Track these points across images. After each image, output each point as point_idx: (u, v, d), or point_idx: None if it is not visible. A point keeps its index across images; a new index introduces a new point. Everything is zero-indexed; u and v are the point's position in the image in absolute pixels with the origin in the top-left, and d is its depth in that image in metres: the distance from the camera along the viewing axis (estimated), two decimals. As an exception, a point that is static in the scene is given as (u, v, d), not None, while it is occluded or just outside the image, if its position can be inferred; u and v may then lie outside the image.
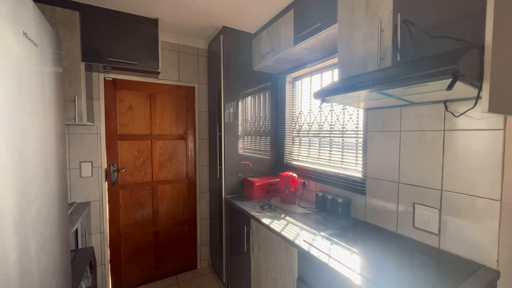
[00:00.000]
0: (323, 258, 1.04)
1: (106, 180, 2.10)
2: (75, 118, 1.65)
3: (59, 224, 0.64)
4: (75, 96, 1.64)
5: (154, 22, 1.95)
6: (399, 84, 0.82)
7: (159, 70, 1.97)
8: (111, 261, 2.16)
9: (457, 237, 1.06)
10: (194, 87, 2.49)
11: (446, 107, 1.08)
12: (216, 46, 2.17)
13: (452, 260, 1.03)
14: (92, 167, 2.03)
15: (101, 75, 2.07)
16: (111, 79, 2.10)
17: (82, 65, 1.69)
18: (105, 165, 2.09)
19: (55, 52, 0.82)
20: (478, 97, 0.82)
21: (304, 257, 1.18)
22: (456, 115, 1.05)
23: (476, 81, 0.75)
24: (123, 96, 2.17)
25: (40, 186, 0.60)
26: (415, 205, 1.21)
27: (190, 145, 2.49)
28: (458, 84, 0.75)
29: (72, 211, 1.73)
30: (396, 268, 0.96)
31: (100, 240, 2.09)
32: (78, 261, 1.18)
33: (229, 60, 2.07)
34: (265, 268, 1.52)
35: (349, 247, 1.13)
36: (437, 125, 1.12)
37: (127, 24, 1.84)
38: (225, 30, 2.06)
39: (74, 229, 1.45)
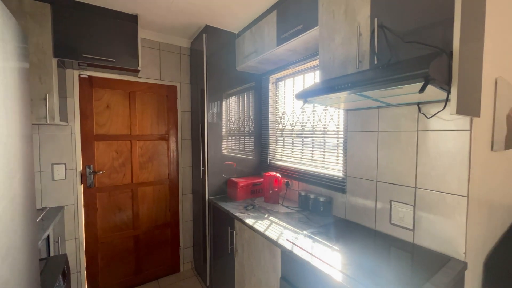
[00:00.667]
0: (305, 257, 1.06)
1: (81, 183, 2.00)
2: (46, 118, 1.55)
3: (25, 231, 0.59)
4: (46, 94, 1.54)
5: (133, 18, 1.88)
6: (376, 86, 0.86)
7: (138, 68, 1.90)
8: (87, 268, 2.05)
9: (430, 232, 1.12)
10: (176, 86, 2.43)
11: (419, 109, 1.14)
12: (199, 45, 2.14)
13: (425, 253, 1.08)
14: (65, 169, 1.92)
15: (76, 72, 1.96)
16: (86, 76, 2.00)
17: (54, 61, 1.59)
18: (80, 167, 1.99)
19: (20, 46, 0.76)
20: (447, 100, 0.88)
21: (287, 256, 1.19)
22: (428, 117, 1.11)
23: (445, 84, 0.80)
24: (100, 95, 2.07)
25: (2, 191, 0.55)
26: (392, 202, 1.27)
27: (172, 146, 2.43)
28: (429, 87, 0.79)
29: (43, 216, 1.62)
30: (374, 264, 1.00)
31: (75, 246, 1.98)
32: (50, 270, 1.11)
33: (212, 60, 2.05)
34: (249, 269, 1.52)
35: (331, 245, 1.16)
36: (411, 126, 1.18)
37: (104, 19, 1.76)
38: (208, 29, 2.04)
39: (45, 236, 1.36)
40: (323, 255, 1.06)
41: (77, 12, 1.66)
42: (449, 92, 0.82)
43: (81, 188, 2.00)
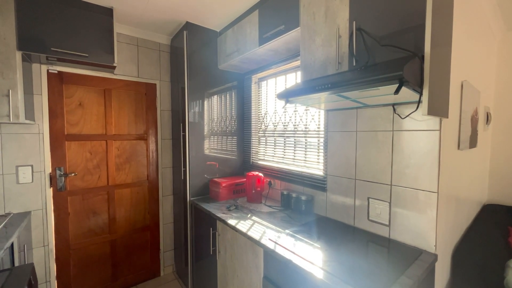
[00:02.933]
0: (287, 255, 1.07)
1: (51, 186, 1.86)
2: (9, 116, 1.42)
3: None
4: (9, 90, 1.42)
5: (108, 12, 1.78)
6: (354, 87, 0.88)
7: (114, 65, 1.81)
8: (58, 277, 1.92)
9: (404, 227, 1.18)
10: (155, 84, 2.35)
11: (394, 110, 1.19)
12: (180, 42, 2.08)
13: (400, 247, 1.14)
14: (32, 171, 1.78)
15: (44, 67, 1.82)
16: (56, 71, 1.86)
17: (19, 55, 1.47)
18: (49, 169, 1.85)
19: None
20: (419, 101, 0.92)
21: (269, 255, 1.20)
22: (402, 117, 1.17)
23: (418, 86, 0.84)
24: (71, 92, 1.94)
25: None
26: (370, 199, 1.32)
27: (152, 146, 2.35)
28: (404, 89, 0.83)
29: (6, 223, 1.49)
30: (353, 259, 1.03)
31: (43, 255, 1.84)
32: (13, 281, 1.02)
33: (194, 58, 2.00)
34: (231, 270, 1.50)
35: (312, 243, 1.18)
36: (387, 126, 1.23)
37: (76, 10, 1.65)
38: (188, 26, 1.99)
39: (8, 244, 1.24)
40: (305, 253, 1.08)
41: (45, 1, 1.54)
42: (421, 94, 0.86)
43: (50, 191, 1.86)
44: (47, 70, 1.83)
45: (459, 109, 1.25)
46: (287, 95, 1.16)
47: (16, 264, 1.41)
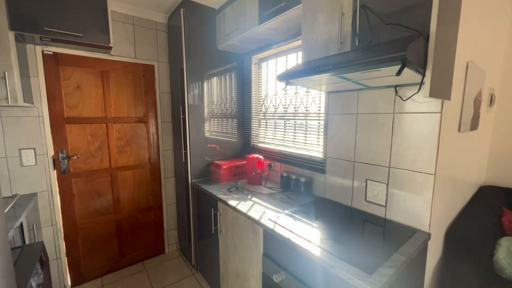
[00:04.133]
0: (286, 234, 1.11)
1: (54, 169, 1.89)
2: (7, 99, 1.41)
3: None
4: (4, 73, 1.39)
5: (101, -12, 1.70)
6: (356, 69, 0.86)
7: (110, 45, 1.76)
8: (68, 254, 2.01)
9: (400, 207, 1.21)
10: (153, 66, 2.30)
11: (396, 92, 1.18)
12: (177, 21, 2.00)
13: (395, 227, 1.18)
14: (35, 154, 1.80)
15: (38, 48, 1.77)
16: (51, 53, 1.82)
17: (11, 35, 1.43)
18: (52, 152, 1.87)
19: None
20: (421, 83, 0.91)
21: (269, 234, 1.24)
22: (404, 99, 1.15)
23: (421, 67, 0.82)
24: (68, 74, 1.91)
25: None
26: (367, 181, 1.34)
27: (152, 129, 2.35)
28: (406, 70, 0.81)
29: (14, 204, 1.54)
30: (349, 238, 1.07)
31: (52, 233, 1.92)
32: (26, 258, 1.07)
33: (192, 37, 1.94)
34: (232, 247, 1.57)
35: (310, 222, 1.22)
36: (388, 108, 1.22)
37: (67, -13, 1.57)
38: (185, 3, 1.90)
39: (18, 223, 1.30)
40: (303, 232, 1.12)
41: (34, -23, 1.47)
42: (424, 75, 0.84)
43: (54, 174, 1.90)
44: (42, 51, 1.79)
45: (462, 91, 1.23)
46: (288, 77, 1.14)
47: (27, 242, 1.47)
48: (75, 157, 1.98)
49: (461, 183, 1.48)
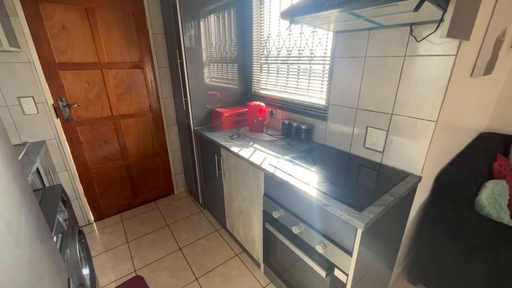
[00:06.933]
0: (285, 177, 1.19)
1: (57, 117, 1.91)
2: (-10, 42, 1.32)
3: (5, 163, 0.59)
4: (-21, 11, 1.26)
5: None
6: (369, 3, 0.76)
7: (90, -25, 1.53)
8: (86, 195, 2.21)
9: (396, 153, 1.25)
10: (142, 1, 2.05)
11: (411, 31, 1.07)
12: None
13: (389, 171, 1.24)
14: (35, 102, 1.79)
15: (10, -20, 1.56)
16: (25, -14, 1.61)
17: (-26, -37, 1.23)
18: (51, 100, 1.85)
19: None
20: (441, 20, 0.81)
21: (269, 178, 1.33)
22: (418, 40, 1.06)
23: (443, 1, 0.72)
24: (49, 12, 1.73)
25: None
26: (368, 128, 1.35)
27: (149, 75, 2.26)
28: (426, 4, 0.72)
29: (26, 151, 1.61)
30: (345, 181, 1.14)
31: (68, 177, 2.06)
32: (48, 198, 1.19)
33: (182, -36, 1.67)
34: (236, 189, 1.70)
35: (308, 167, 1.28)
36: (399, 51, 1.13)
37: None
38: None
39: (34, 168, 1.38)
40: (301, 175, 1.19)
41: None
42: (445, 11, 0.75)
43: (58, 122, 1.92)
44: (15, -16, 1.57)
45: (484, 30, 1.11)
46: (293, 14, 1.02)
47: (47, 185, 1.60)
48: (76, 105, 1.96)
49: (462, 129, 1.49)
